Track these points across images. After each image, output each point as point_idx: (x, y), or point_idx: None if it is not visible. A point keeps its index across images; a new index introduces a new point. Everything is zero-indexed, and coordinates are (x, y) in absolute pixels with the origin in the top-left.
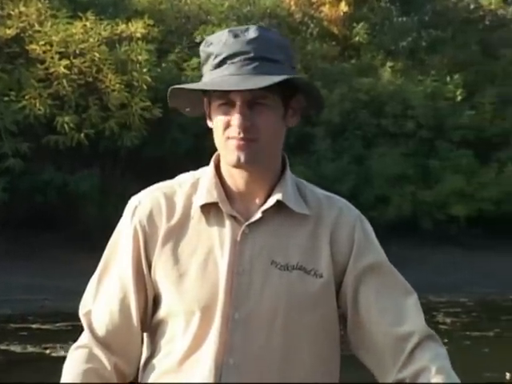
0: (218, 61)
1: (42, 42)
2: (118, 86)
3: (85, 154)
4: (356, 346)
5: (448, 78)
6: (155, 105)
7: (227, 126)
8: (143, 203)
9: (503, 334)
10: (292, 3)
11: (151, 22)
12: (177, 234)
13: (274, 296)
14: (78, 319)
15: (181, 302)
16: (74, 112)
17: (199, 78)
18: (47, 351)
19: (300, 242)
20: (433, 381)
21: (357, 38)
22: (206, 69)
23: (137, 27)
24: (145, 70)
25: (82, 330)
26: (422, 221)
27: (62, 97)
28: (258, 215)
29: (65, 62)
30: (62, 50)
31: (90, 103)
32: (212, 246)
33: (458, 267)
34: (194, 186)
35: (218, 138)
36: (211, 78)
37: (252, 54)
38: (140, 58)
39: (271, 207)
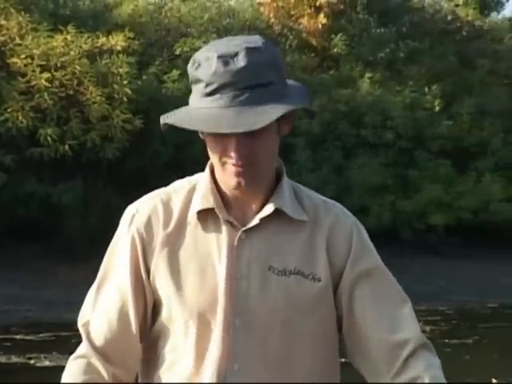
0: (210, 90)
1: (23, 56)
2: (98, 98)
3: (67, 166)
4: (351, 351)
5: (426, 89)
6: (136, 117)
7: (224, 151)
8: (141, 211)
9: (482, 342)
10: (271, 15)
11: (131, 34)
12: (174, 240)
13: (272, 301)
14: (61, 329)
15: (181, 309)
16: (55, 124)
17: (179, 90)
18: (31, 361)
19: (297, 247)
20: None
21: (335, 50)
22: (196, 92)
23: (117, 40)
24: (125, 82)
25: (64, 340)
26: (402, 230)
27: (43, 109)
28: (256, 222)
29: (46, 74)
30: (43, 63)
31: (71, 116)
32: (209, 251)
33: (437, 276)
34: (191, 192)
35: (215, 162)
36: (202, 105)
37: (244, 84)
38: (121, 70)
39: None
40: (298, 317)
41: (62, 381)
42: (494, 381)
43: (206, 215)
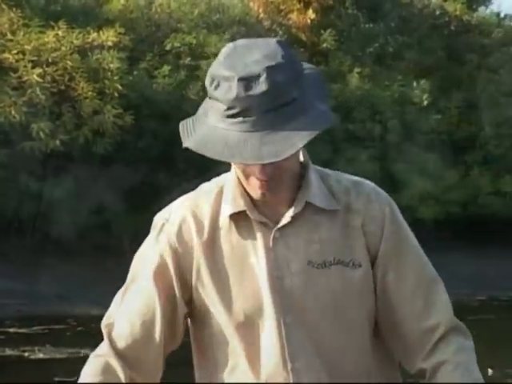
0: (231, 114)
1: (14, 51)
2: (90, 93)
3: (59, 161)
4: (384, 329)
5: (414, 83)
6: (127, 112)
7: (247, 166)
8: (170, 221)
9: (471, 333)
10: (260, 11)
11: (122, 30)
12: (211, 247)
13: (318, 295)
14: (54, 323)
15: (228, 316)
16: (47, 119)
17: (170, 85)
18: (25, 354)
19: (333, 237)
20: (450, 375)
21: (325, 45)
22: (216, 110)
23: (108, 36)
24: (116, 77)
25: (57, 333)
26: None
27: (35, 104)
28: (287, 219)
29: (38, 70)
30: (35, 58)
31: (63, 111)
32: (246, 254)
33: None
34: (219, 195)
35: (238, 172)
36: (223, 126)
37: (267, 107)
38: (111, 66)
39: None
40: (346, 306)
41: (81, 377)
42: (489, 371)
43: (237, 218)
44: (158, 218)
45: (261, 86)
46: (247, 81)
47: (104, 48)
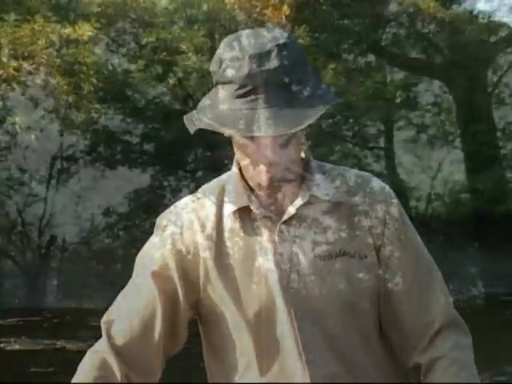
0: (243, 92)
1: None
2: (65, 88)
3: (35, 155)
4: (384, 324)
5: (388, 80)
6: (103, 106)
7: (257, 151)
8: (173, 222)
9: None
10: (236, 6)
11: (98, 24)
12: (217, 246)
13: (326, 287)
14: (30, 315)
15: (239, 314)
16: (23, 113)
17: (145, 80)
18: (1, 345)
19: (337, 229)
20: (445, 371)
21: (299, 41)
22: (226, 92)
23: (84, 30)
24: (92, 72)
25: (33, 324)
26: None
27: (12, 98)
28: (292, 212)
29: (13, 63)
30: (11, 52)
31: (39, 105)
32: (253, 250)
33: None
34: (221, 194)
35: (245, 161)
36: (236, 107)
37: (278, 84)
38: (87, 60)
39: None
40: (354, 297)
41: (77, 372)
42: None
43: (241, 214)
44: (162, 219)
45: (273, 62)
46: (259, 57)
47: (80, 42)
